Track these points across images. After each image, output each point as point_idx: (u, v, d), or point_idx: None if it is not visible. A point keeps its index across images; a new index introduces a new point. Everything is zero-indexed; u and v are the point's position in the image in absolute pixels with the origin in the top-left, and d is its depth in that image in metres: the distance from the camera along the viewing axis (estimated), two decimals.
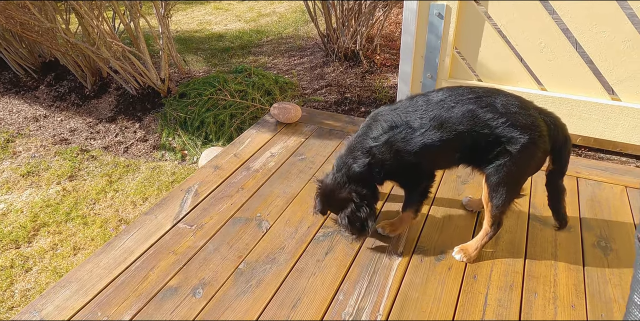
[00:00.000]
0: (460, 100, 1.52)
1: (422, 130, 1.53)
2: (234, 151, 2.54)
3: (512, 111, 1.48)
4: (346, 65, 4.02)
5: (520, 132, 1.47)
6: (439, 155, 1.59)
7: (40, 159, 3.14)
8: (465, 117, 1.50)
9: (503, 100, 1.50)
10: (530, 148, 1.49)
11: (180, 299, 1.62)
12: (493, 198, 1.59)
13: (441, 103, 1.53)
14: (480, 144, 1.51)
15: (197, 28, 5.67)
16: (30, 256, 2.28)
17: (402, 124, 1.55)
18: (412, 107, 1.57)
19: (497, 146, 1.50)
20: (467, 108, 1.50)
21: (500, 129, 1.47)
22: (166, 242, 1.88)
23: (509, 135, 1.47)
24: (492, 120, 1.48)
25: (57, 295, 1.64)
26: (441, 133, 1.52)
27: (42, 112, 3.88)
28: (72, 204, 2.65)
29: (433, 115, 1.52)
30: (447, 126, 1.51)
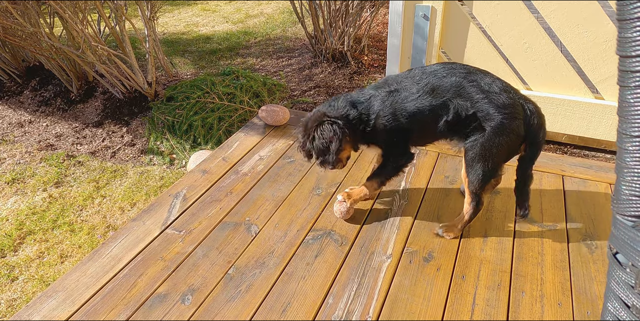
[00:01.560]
0: (452, 72, 1.65)
1: (417, 94, 1.66)
2: (222, 155, 2.52)
3: (494, 90, 1.59)
4: (334, 66, 4.02)
5: (496, 110, 1.57)
6: (427, 122, 1.69)
7: (26, 166, 3.10)
8: (453, 86, 1.62)
9: (489, 80, 1.62)
10: (503, 128, 1.58)
11: (169, 306, 1.60)
12: (469, 173, 1.70)
13: (434, 73, 1.68)
14: (461, 116, 1.62)
15: (184, 30, 5.63)
16: (16, 265, 2.25)
17: (403, 88, 1.70)
18: (410, 75, 1.73)
19: (474, 121, 1.61)
20: (456, 79, 1.63)
21: (480, 104, 1.58)
22: (154, 248, 1.87)
23: (486, 111, 1.58)
24: (475, 94, 1.59)
25: (44, 305, 1.61)
26: (432, 98, 1.65)
27: (27, 118, 3.83)
28: (59, 211, 2.62)
29: (427, 81, 1.67)
30: (438, 92, 1.64)
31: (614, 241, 0.42)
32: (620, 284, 0.40)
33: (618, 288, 0.41)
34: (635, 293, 0.38)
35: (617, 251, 0.41)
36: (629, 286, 0.39)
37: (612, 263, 0.42)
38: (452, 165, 2.37)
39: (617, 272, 0.41)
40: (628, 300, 0.39)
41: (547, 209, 2.05)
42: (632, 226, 0.39)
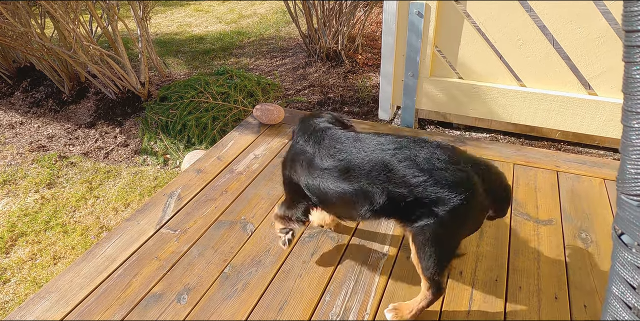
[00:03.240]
0: (377, 148, 1.32)
1: (327, 167, 1.37)
2: (217, 154, 2.51)
3: (437, 167, 1.27)
4: (328, 65, 4.02)
5: (449, 191, 1.25)
6: (336, 203, 1.41)
7: (17, 167, 3.06)
8: (376, 170, 1.30)
9: (427, 153, 1.29)
10: (462, 210, 1.27)
11: (164, 305, 1.59)
12: (422, 259, 1.36)
13: (358, 146, 1.36)
14: (398, 203, 1.30)
15: (177, 30, 5.60)
16: (8, 267, 2.21)
17: (318, 151, 1.42)
18: (337, 139, 1.43)
19: (419, 207, 1.29)
20: (381, 159, 1.29)
21: (422, 188, 1.26)
22: (149, 248, 1.84)
23: (434, 196, 1.26)
24: (411, 177, 1.26)
25: (37, 306, 1.59)
26: (343, 181, 1.34)
27: (18, 119, 3.78)
28: (51, 212, 2.58)
29: (344, 156, 1.36)
30: (353, 174, 1.32)
31: (619, 222, 0.41)
32: (625, 265, 0.40)
33: (623, 269, 0.40)
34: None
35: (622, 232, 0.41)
36: (635, 267, 0.38)
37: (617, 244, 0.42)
38: None
39: (622, 253, 0.40)
40: (634, 281, 0.39)
41: (542, 205, 2.06)
42: (638, 205, 0.38)
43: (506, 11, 2.31)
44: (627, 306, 0.40)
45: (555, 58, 2.34)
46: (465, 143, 2.52)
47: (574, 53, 2.29)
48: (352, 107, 3.47)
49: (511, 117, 2.58)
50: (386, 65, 2.71)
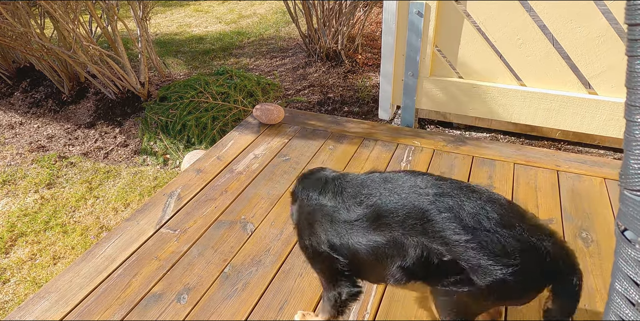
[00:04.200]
0: (414, 191, 1.11)
1: (353, 218, 1.16)
2: (216, 154, 2.50)
3: (484, 227, 1.03)
4: (328, 65, 4.02)
5: (495, 261, 1.01)
6: (367, 262, 1.18)
7: (17, 167, 3.05)
8: (412, 218, 1.08)
9: (476, 206, 1.06)
10: (507, 287, 1.03)
11: (164, 305, 1.58)
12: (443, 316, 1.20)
13: (389, 188, 1.15)
14: (431, 261, 1.08)
15: (177, 30, 5.60)
16: (7, 268, 2.21)
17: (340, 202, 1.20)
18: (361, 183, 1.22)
19: (455, 271, 1.07)
20: (419, 206, 1.08)
21: (462, 249, 1.03)
22: (149, 248, 1.84)
23: (475, 262, 1.03)
24: (451, 233, 1.04)
25: (36, 307, 1.59)
26: (373, 231, 1.12)
27: (18, 119, 3.78)
28: (51, 212, 2.58)
29: (373, 201, 1.14)
30: (385, 222, 1.11)
31: (622, 218, 0.41)
32: (628, 261, 0.39)
33: (626, 266, 0.40)
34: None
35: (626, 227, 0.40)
36: (638, 262, 0.38)
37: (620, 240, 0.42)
38: (447, 162, 2.37)
39: (626, 249, 0.40)
40: (637, 277, 0.39)
41: (542, 204, 2.05)
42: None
43: (506, 11, 2.30)
44: (631, 303, 0.40)
45: (556, 57, 2.34)
46: (466, 143, 2.52)
47: (574, 52, 2.29)
48: (352, 106, 3.47)
49: (511, 116, 2.57)
50: (386, 65, 2.71)
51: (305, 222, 1.27)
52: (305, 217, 1.28)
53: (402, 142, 2.54)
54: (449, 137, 2.60)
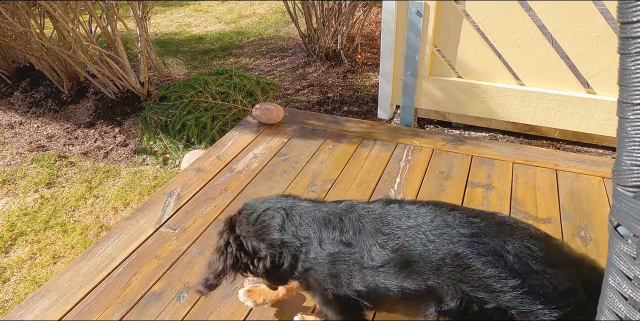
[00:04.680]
0: (445, 233, 1.00)
1: (378, 263, 1.04)
2: (216, 153, 2.51)
3: (532, 268, 0.94)
4: (328, 65, 4.02)
5: (547, 305, 0.92)
6: (397, 304, 1.12)
7: (16, 167, 3.06)
8: (447, 265, 0.97)
9: (518, 247, 0.96)
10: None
11: (164, 304, 1.59)
12: None
13: (416, 229, 1.03)
14: (472, 309, 0.99)
15: (177, 30, 5.60)
16: (7, 267, 2.21)
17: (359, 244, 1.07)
18: (381, 221, 1.08)
19: (501, 318, 0.98)
20: (454, 250, 0.97)
21: (509, 296, 0.93)
22: (149, 247, 1.85)
23: (526, 309, 0.94)
24: (495, 280, 0.94)
25: (36, 305, 1.59)
26: (403, 277, 1.01)
27: (17, 119, 3.78)
28: (51, 212, 2.58)
29: (399, 244, 1.02)
30: (416, 269, 1.00)
31: (615, 214, 0.42)
32: (621, 256, 0.40)
33: (619, 261, 0.40)
34: (637, 264, 0.38)
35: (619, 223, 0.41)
36: (631, 257, 0.39)
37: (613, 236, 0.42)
38: (446, 161, 2.38)
39: (618, 245, 0.40)
40: (630, 272, 0.39)
41: (541, 203, 2.06)
42: (633, 196, 0.38)
43: (505, 10, 2.31)
44: (624, 297, 0.41)
45: (554, 57, 2.35)
46: (465, 142, 2.53)
47: (573, 52, 2.29)
48: (352, 106, 3.47)
49: (510, 115, 2.58)
50: (385, 65, 2.71)
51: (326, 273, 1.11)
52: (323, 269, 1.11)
53: (401, 142, 2.55)
54: (448, 137, 2.61)
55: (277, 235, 1.16)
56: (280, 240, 1.15)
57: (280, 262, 1.16)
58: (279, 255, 1.16)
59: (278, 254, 1.16)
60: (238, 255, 1.20)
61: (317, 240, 1.12)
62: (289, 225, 1.15)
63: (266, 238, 1.17)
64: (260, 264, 1.18)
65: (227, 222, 1.27)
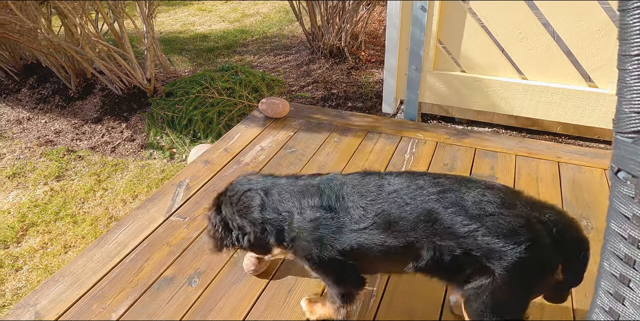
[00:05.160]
0: (418, 194, 1.12)
1: (360, 225, 1.15)
2: (223, 146, 2.55)
3: (489, 211, 1.06)
4: (332, 62, 4.07)
5: (504, 241, 1.03)
6: (378, 261, 1.21)
7: (26, 160, 3.10)
8: (421, 221, 1.09)
9: (476, 195, 1.09)
10: (523, 264, 1.04)
11: (176, 288, 1.63)
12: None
13: (394, 196, 1.15)
14: (445, 259, 1.10)
15: (181, 29, 5.65)
16: (19, 256, 2.25)
17: (341, 210, 1.18)
18: (361, 189, 1.20)
19: (470, 262, 1.08)
20: (426, 207, 1.10)
21: (472, 240, 1.05)
22: (159, 235, 1.89)
23: (487, 247, 1.05)
24: (461, 226, 1.06)
25: (51, 290, 1.63)
26: (386, 236, 1.13)
27: (25, 115, 3.83)
28: (61, 204, 2.63)
29: (380, 209, 1.14)
30: (396, 229, 1.12)
31: (615, 160, 0.45)
32: (621, 198, 0.44)
33: (619, 203, 0.44)
34: (636, 202, 0.42)
35: (619, 169, 0.45)
36: (630, 198, 0.42)
37: (614, 181, 0.46)
38: (450, 154, 2.41)
39: (619, 188, 0.44)
40: (628, 211, 0.43)
41: (543, 193, 2.10)
42: (632, 142, 0.42)
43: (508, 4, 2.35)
44: (624, 238, 0.44)
45: (556, 51, 2.39)
46: (468, 136, 2.57)
47: (575, 46, 2.33)
48: (356, 102, 3.51)
49: (513, 109, 2.62)
50: (390, 59, 2.76)
51: (310, 239, 1.22)
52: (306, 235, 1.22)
53: (405, 135, 2.59)
54: (451, 130, 2.65)
55: (257, 215, 1.28)
56: (261, 218, 1.28)
57: (264, 236, 1.29)
58: (261, 231, 1.29)
59: (260, 230, 1.29)
60: (224, 235, 1.37)
61: (298, 211, 1.23)
62: (269, 203, 1.27)
63: (248, 218, 1.30)
64: (244, 239, 1.33)
65: (215, 202, 1.40)
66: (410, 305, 1.54)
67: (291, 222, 1.24)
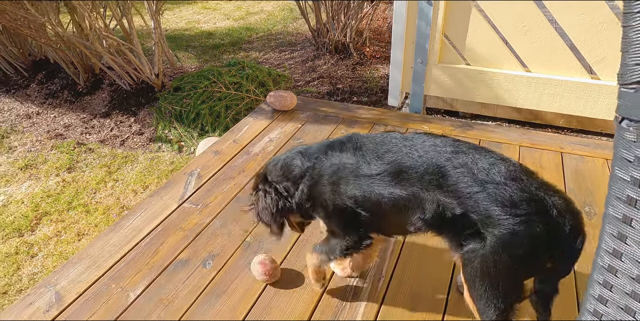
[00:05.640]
0: (432, 150, 1.17)
1: (374, 171, 1.21)
2: (232, 137, 2.60)
3: (495, 180, 1.08)
4: (337, 57, 4.12)
5: (502, 210, 1.05)
6: (386, 212, 1.24)
7: (37, 153, 3.16)
8: (429, 172, 1.13)
9: (487, 163, 1.11)
10: (515, 238, 1.05)
11: (191, 270, 1.68)
12: (475, 299, 1.18)
13: (409, 147, 1.20)
14: (446, 215, 1.13)
15: (186, 26, 5.71)
16: (34, 243, 2.31)
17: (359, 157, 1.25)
18: (379, 140, 1.27)
19: (468, 224, 1.11)
20: (435, 162, 1.14)
21: (472, 202, 1.08)
22: (173, 220, 1.94)
23: (484, 213, 1.07)
24: (464, 185, 1.09)
25: (70, 271, 1.68)
26: (394, 184, 1.18)
27: (35, 110, 3.88)
28: (73, 194, 2.68)
29: (393, 158, 1.19)
30: (404, 178, 1.16)
31: (618, 111, 0.50)
32: (624, 144, 0.48)
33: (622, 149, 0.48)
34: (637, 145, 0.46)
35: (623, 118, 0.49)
36: (632, 142, 0.47)
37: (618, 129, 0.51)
38: None
39: (622, 134, 0.49)
40: (630, 154, 0.47)
41: None
42: (634, 92, 0.47)
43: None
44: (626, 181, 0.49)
45: (560, 44, 2.44)
46: (473, 128, 2.62)
47: (578, 39, 2.38)
48: (361, 96, 3.56)
49: (517, 101, 2.67)
50: (396, 52, 2.81)
51: (327, 182, 1.29)
52: (326, 178, 1.30)
53: (411, 127, 2.64)
54: (456, 123, 2.70)
55: (297, 171, 1.36)
56: (300, 173, 1.36)
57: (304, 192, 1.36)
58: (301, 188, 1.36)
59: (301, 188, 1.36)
60: (278, 204, 1.39)
61: (324, 158, 1.32)
62: (305, 161, 1.36)
63: (291, 177, 1.37)
64: (293, 201, 1.38)
65: (259, 175, 1.48)
66: (419, 287, 1.59)
67: (315, 168, 1.33)
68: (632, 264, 0.52)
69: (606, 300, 0.59)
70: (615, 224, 0.52)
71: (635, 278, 0.52)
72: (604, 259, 0.58)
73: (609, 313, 0.60)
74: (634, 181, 0.48)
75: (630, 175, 0.49)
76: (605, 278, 0.59)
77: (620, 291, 0.55)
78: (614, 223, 0.52)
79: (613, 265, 0.56)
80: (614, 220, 0.53)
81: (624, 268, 0.54)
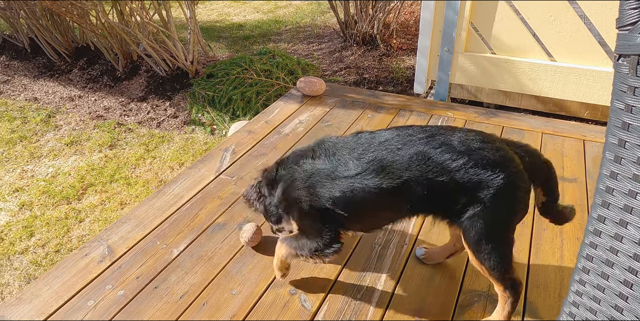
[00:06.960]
0: (408, 140, 1.25)
1: (352, 172, 1.26)
2: (264, 118, 2.75)
3: (474, 147, 1.20)
4: (364, 49, 4.23)
5: (492, 171, 1.17)
6: (375, 207, 1.30)
7: (81, 131, 3.38)
8: (414, 161, 1.21)
9: (461, 135, 1.23)
10: (508, 190, 1.19)
11: (228, 232, 1.83)
12: (483, 260, 1.27)
13: (385, 144, 1.27)
14: (440, 194, 1.22)
15: (217, 18, 5.91)
16: (81, 210, 2.51)
17: (334, 162, 1.30)
18: (352, 144, 1.32)
19: (463, 194, 1.21)
20: (417, 149, 1.22)
21: (462, 172, 1.18)
22: (211, 190, 2.10)
23: (477, 178, 1.18)
24: (450, 162, 1.19)
25: (120, 229, 1.86)
26: (380, 178, 1.23)
27: (77, 93, 4.13)
28: (115, 168, 2.88)
29: (372, 157, 1.25)
30: (390, 171, 1.23)
31: (617, 50, 0.60)
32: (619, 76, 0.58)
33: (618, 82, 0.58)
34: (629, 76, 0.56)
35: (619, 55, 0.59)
36: (626, 74, 0.57)
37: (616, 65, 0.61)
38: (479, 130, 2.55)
39: (619, 69, 0.58)
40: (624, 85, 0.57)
41: (568, 166, 2.21)
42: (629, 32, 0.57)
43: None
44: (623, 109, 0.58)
45: (585, 33, 2.49)
46: (496, 115, 2.69)
47: (603, 28, 2.43)
48: (387, 86, 3.67)
49: (541, 90, 2.73)
50: (423, 40, 2.90)
51: (303, 187, 1.33)
52: (301, 183, 1.34)
53: (435, 113, 2.73)
54: (480, 110, 2.77)
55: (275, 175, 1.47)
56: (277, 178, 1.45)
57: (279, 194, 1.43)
58: None
59: None
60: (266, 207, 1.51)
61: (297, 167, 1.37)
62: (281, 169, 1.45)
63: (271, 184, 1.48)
64: None
65: None
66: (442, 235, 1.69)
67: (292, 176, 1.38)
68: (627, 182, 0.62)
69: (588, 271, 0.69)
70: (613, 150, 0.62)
71: None
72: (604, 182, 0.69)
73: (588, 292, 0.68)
74: (628, 108, 0.58)
75: (625, 102, 0.59)
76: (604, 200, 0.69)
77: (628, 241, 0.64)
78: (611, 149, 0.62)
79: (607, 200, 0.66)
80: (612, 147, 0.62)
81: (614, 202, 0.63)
